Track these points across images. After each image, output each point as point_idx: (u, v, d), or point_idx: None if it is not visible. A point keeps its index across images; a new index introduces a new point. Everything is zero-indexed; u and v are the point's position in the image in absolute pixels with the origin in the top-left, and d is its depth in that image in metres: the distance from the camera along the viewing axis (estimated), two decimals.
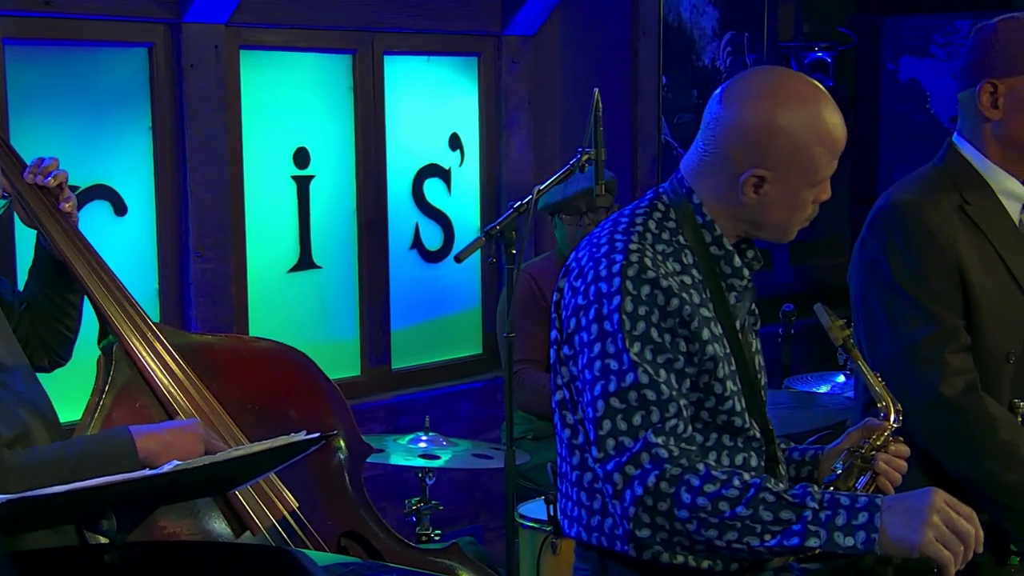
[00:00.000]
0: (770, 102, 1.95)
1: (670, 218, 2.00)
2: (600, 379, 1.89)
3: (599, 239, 1.99)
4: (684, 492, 1.82)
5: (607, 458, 1.88)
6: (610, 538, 1.97)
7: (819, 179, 1.97)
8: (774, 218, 1.99)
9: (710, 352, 1.93)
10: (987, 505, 2.34)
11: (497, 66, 4.62)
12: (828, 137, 1.95)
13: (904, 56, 5.55)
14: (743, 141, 1.95)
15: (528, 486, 3.65)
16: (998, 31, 2.41)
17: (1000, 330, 2.40)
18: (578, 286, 1.96)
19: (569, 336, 1.97)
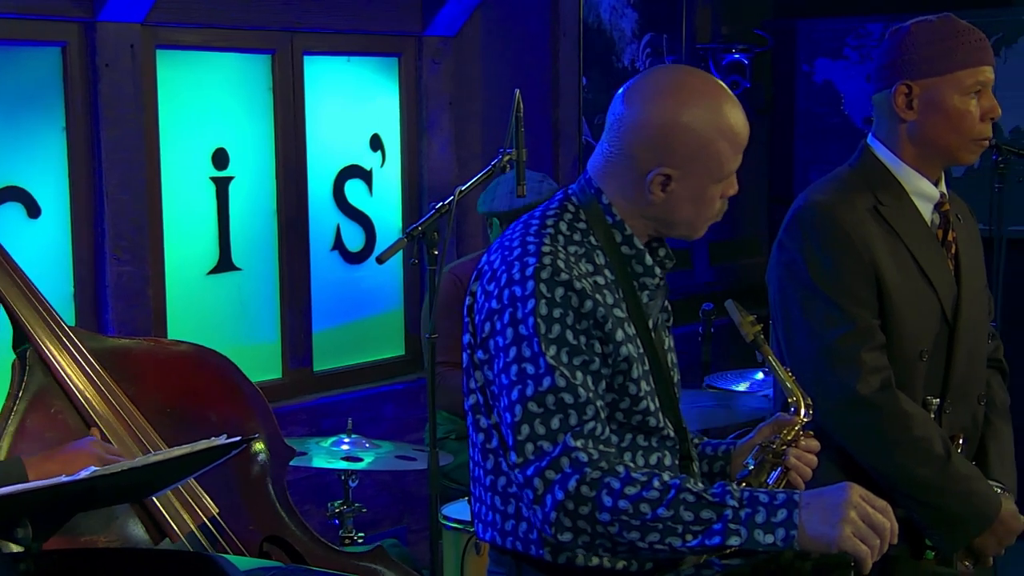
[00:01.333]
0: (672, 100, 1.96)
1: (580, 219, 2.00)
2: (517, 383, 1.89)
3: (511, 242, 1.98)
4: (605, 495, 1.83)
5: (526, 463, 1.88)
6: (525, 542, 1.97)
7: (724, 174, 1.98)
8: (682, 215, 1.99)
9: (624, 353, 1.94)
10: (902, 500, 2.39)
11: (418, 66, 4.61)
12: (731, 132, 1.96)
13: (818, 58, 5.63)
14: (647, 140, 1.95)
15: (452, 487, 3.65)
16: (912, 33, 2.45)
17: (914, 329, 2.45)
18: (491, 290, 1.96)
19: (483, 340, 1.97)
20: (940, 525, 2.43)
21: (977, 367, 2.57)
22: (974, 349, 2.54)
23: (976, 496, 2.44)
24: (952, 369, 2.49)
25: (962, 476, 2.43)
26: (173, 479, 2.27)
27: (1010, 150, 3.75)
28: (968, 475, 2.44)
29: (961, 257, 2.54)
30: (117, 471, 2.00)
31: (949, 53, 2.42)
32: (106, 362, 2.55)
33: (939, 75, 2.42)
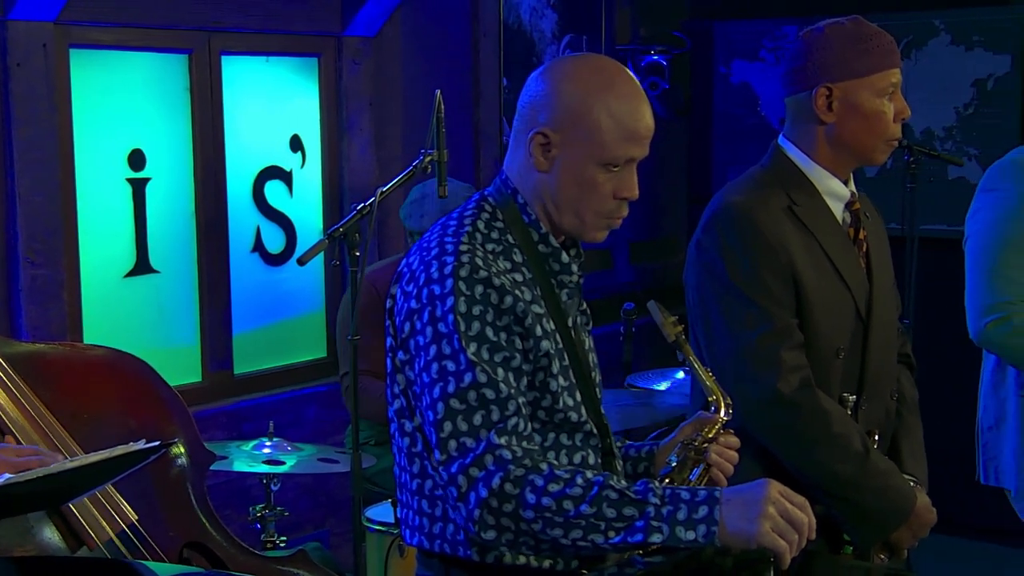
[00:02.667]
0: (567, 69, 2.00)
1: (497, 218, 2.01)
2: (438, 381, 1.89)
3: (429, 243, 1.99)
4: (528, 492, 1.84)
5: (450, 460, 1.88)
6: (452, 544, 1.97)
7: (606, 156, 1.95)
8: (565, 192, 1.97)
9: (544, 348, 1.95)
10: (821, 496, 2.42)
11: (338, 67, 4.58)
12: (619, 113, 1.94)
13: (735, 60, 5.70)
14: (536, 101, 1.99)
15: (375, 490, 3.63)
16: (827, 36, 2.48)
17: (830, 327, 2.49)
18: (410, 290, 1.96)
19: (404, 341, 1.97)
20: (858, 520, 2.47)
21: (889, 363, 2.62)
22: (886, 346, 2.59)
23: (893, 491, 2.48)
24: (867, 366, 2.53)
25: (879, 471, 2.47)
26: (90, 485, 2.23)
27: (921, 150, 3.83)
28: (885, 470, 2.49)
29: (872, 255, 2.58)
30: (32, 478, 1.96)
31: (865, 56, 2.46)
32: (20, 367, 2.50)
33: (857, 77, 2.46)
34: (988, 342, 2.82)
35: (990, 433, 2.97)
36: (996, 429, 2.94)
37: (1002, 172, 2.87)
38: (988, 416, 2.98)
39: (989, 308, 2.78)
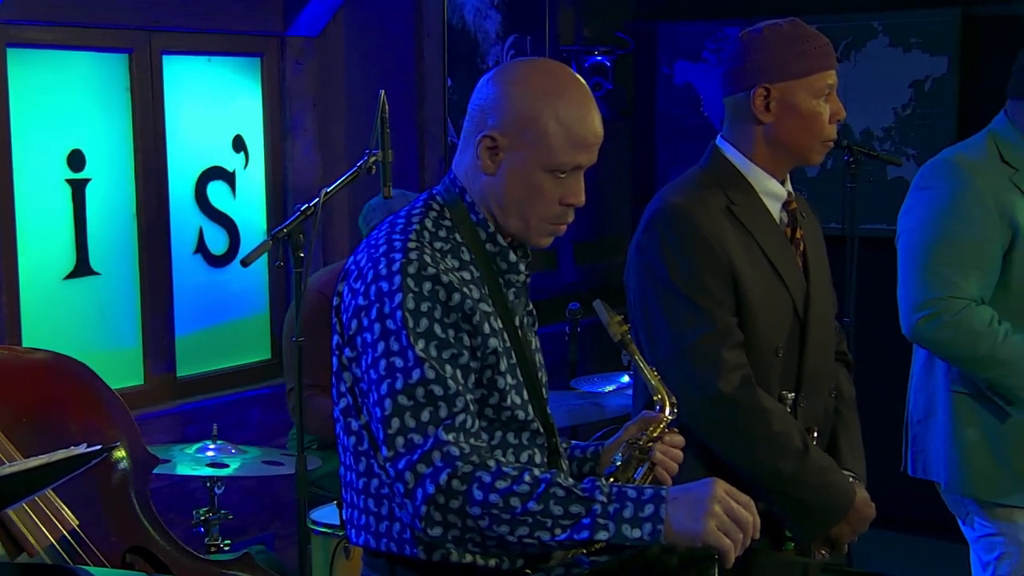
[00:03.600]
0: (517, 74, 2.00)
1: (445, 217, 2.02)
2: (386, 377, 1.89)
3: (376, 241, 1.99)
4: (476, 489, 1.84)
5: (397, 456, 1.88)
6: (399, 543, 1.97)
7: (553, 162, 1.95)
8: (511, 196, 1.98)
9: (492, 346, 1.95)
10: (763, 494, 2.45)
11: (281, 67, 4.56)
12: (567, 120, 1.95)
13: (678, 61, 5.74)
14: (485, 105, 1.99)
15: (320, 493, 3.61)
16: (765, 38, 2.51)
17: (769, 326, 2.51)
18: (357, 287, 1.96)
19: (351, 338, 1.97)
20: (799, 516, 2.50)
21: (827, 361, 2.66)
22: (824, 343, 2.62)
23: (833, 487, 2.51)
24: (805, 364, 2.56)
25: (819, 468, 2.50)
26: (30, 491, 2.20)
27: (861, 151, 3.87)
28: (824, 467, 2.52)
29: (808, 254, 2.62)
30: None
31: (802, 57, 2.49)
32: None
33: (794, 78, 2.48)
34: (919, 337, 2.87)
35: (919, 426, 3.02)
36: (925, 423, 3.00)
37: (934, 171, 2.92)
38: (917, 410, 3.03)
39: (921, 304, 2.83)
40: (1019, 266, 2.80)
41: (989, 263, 2.80)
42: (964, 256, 2.80)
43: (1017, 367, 2.78)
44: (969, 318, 2.77)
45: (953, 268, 2.80)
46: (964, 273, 2.80)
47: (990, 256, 2.80)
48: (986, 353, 2.77)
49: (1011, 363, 2.77)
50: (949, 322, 2.78)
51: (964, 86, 5.01)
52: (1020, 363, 2.77)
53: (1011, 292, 2.81)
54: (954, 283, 2.79)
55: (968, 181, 2.83)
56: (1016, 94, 2.90)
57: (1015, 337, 2.77)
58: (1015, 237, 2.80)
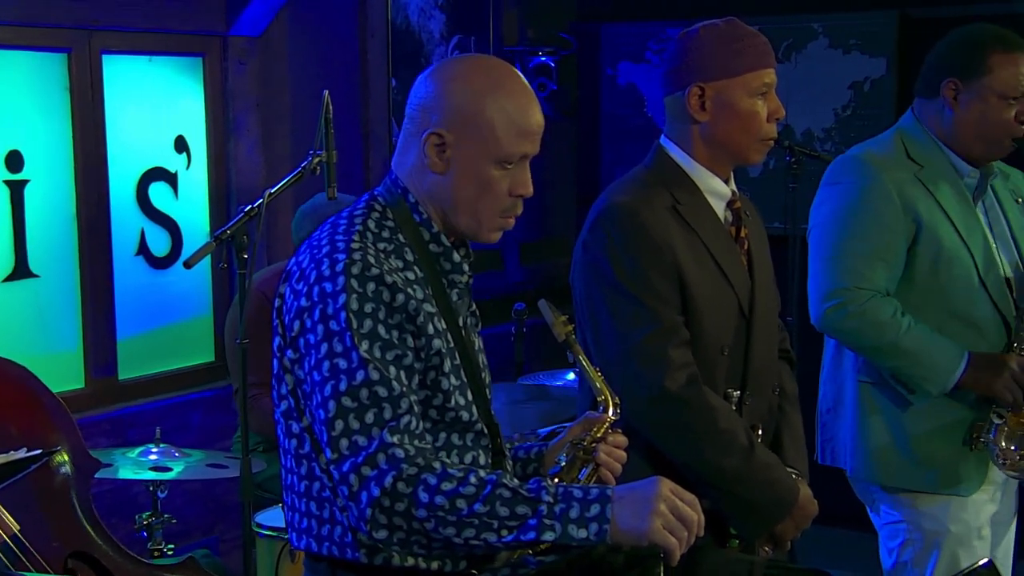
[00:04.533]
0: (458, 68, 2.01)
1: (388, 218, 2.01)
2: (330, 379, 1.88)
3: (319, 242, 1.98)
4: (422, 491, 1.84)
5: (341, 459, 1.87)
6: (340, 546, 1.96)
7: (503, 154, 1.97)
8: (462, 192, 1.98)
9: (436, 346, 1.95)
10: (709, 491, 2.47)
11: (223, 67, 4.53)
12: (511, 110, 1.97)
13: (621, 61, 5.77)
14: (427, 103, 1.99)
15: (264, 495, 3.59)
16: (701, 37, 2.53)
17: (715, 325, 2.54)
18: (300, 288, 1.94)
19: (293, 339, 1.95)
20: (744, 514, 2.52)
21: (771, 359, 2.68)
22: (768, 342, 2.65)
23: (777, 484, 2.54)
24: (750, 362, 2.59)
25: (764, 465, 2.53)
26: None
27: (802, 151, 3.92)
28: (769, 464, 2.55)
29: (753, 253, 2.64)
30: None
31: (737, 56, 2.51)
32: None
33: (729, 77, 2.50)
34: (827, 326, 2.94)
35: (828, 415, 3.10)
36: (833, 411, 3.07)
37: (844, 167, 3.01)
38: (827, 399, 3.11)
39: (828, 294, 2.90)
40: (922, 260, 2.89)
41: (894, 256, 2.89)
42: (871, 249, 2.88)
43: (919, 357, 2.85)
44: (874, 309, 2.85)
45: (860, 260, 2.88)
46: (870, 265, 2.87)
47: (895, 250, 2.88)
48: (890, 343, 2.84)
49: (914, 353, 2.85)
50: (855, 312, 2.86)
51: (902, 87, 5.08)
52: (922, 353, 2.85)
53: (914, 285, 2.90)
54: (861, 274, 2.87)
55: (876, 177, 2.91)
56: (922, 93, 2.99)
57: (918, 328, 2.85)
58: (919, 232, 2.88)
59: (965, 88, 2.89)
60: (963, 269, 2.88)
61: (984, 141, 2.92)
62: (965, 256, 2.88)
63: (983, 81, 2.87)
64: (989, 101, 2.87)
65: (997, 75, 2.86)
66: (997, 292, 2.89)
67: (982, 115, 2.88)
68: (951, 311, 2.89)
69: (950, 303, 2.89)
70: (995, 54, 2.87)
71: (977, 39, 2.91)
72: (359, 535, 1.94)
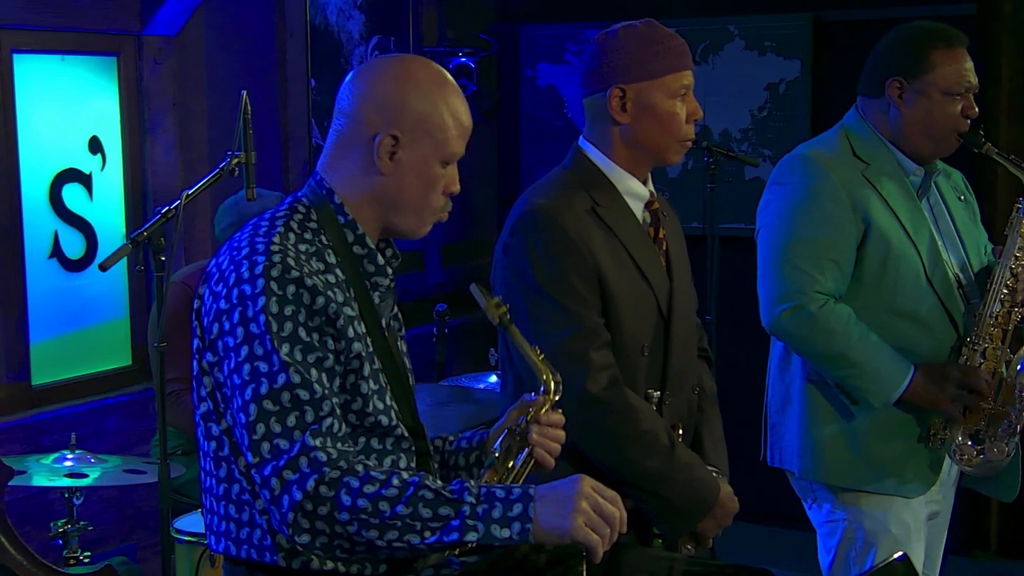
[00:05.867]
0: (403, 69, 2.03)
1: (311, 219, 2.00)
2: (250, 382, 1.87)
3: (239, 243, 1.96)
4: (344, 495, 1.83)
5: (263, 463, 1.85)
6: (259, 549, 1.95)
7: (448, 153, 2.01)
8: (411, 192, 2.00)
9: (356, 350, 1.94)
10: (631, 491, 2.48)
11: (138, 66, 4.46)
12: (454, 110, 2.01)
13: (541, 63, 5.79)
14: (378, 104, 1.99)
15: (184, 500, 3.55)
16: (621, 39, 2.54)
17: (635, 325, 2.55)
18: (219, 291, 1.93)
19: (212, 342, 1.94)
20: (667, 513, 2.54)
21: (690, 358, 2.70)
22: (687, 341, 2.67)
23: (699, 483, 2.56)
24: (669, 362, 2.60)
25: (686, 465, 2.55)
26: None
27: (719, 151, 3.96)
28: (690, 463, 2.57)
29: (671, 254, 2.66)
30: None
31: (657, 58, 2.53)
32: None
33: (650, 79, 2.52)
34: (779, 330, 2.94)
35: (776, 416, 3.10)
36: (781, 412, 3.07)
37: (791, 166, 3.00)
38: (775, 400, 3.11)
39: (782, 297, 2.90)
40: (871, 258, 2.89)
41: (844, 256, 2.88)
42: (821, 250, 2.88)
43: (866, 369, 2.86)
44: (827, 316, 2.85)
45: (811, 262, 2.87)
46: (821, 267, 2.87)
47: (845, 249, 2.88)
48: (839, 352, 2.85)
49: (861, 364, 2.85)
50: (809, 318, 2.85)
51: (816, 88, 5.16)
52: (870, 365, 2.85)
53: (862, 283, 2.90)
54: (813, 277, 2.87)
55: (823, 176, 2.91)
56: (866, 92, 3.00)
57: (869, 339, 2.86)
58: (868, 230, 2.88)
59: (910, 86, 2.90)
60: (911, 267, 2.89)
61: (931, 138, 2.92)
62: (912, 254, 2.89)
63: (927, 78, 2.88)
64: (934, 98, 2.89)
65: (941, 72, 2.88)
66: (944, 289, 2.90)
67: (928, 112, 2.89)
68: (899, 309, 2.90)
69: (898, 301, 2.89)
70: (937, 51, 2.88)
71: (919, 37, 2.92)
72: (279, 538, 1.92)
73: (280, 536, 1.92)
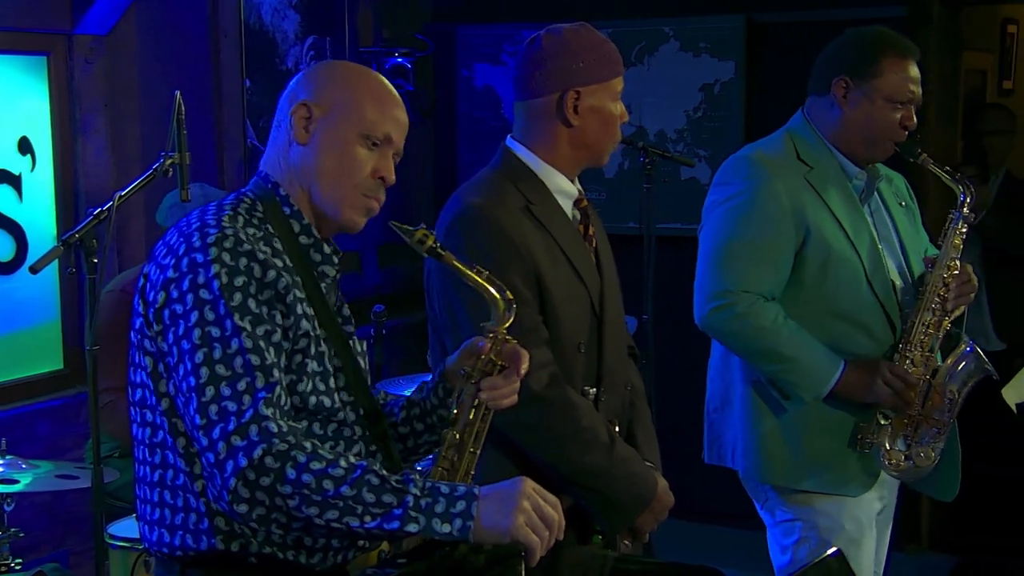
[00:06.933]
0: (332, 63, 2.15)
1: (257, 210, 2.02)
2: (201, 347, 1.87)
3: (189, 223, 1.98)
4: (289, 468, 1.83)
5: (210, 424, 1.85)
6: (195, 534, 1.95)
7: (367, 128, 2.03)
8: (325, 164, 2.02)
9: (304, 328, 1.96)
10: (571, 489, 2.50)
11: (69, 66, 4.40)
12: (377, 91, 2.06)
13: (477, 63, 5.79)
14: (295, 88, 2.07)
15: (117, 505, 3.51)
16: (568, 42, 2.56)
17: (571, 323, 2.56)
18: (167, 262, 1.93)
19: (158, 311, 1.93)
20: (608, 509, 2.56)
21: (622, 355, 2.73)
22: (618, 338, 2.70)
23: (637, 478, 2.58)
24: (603, 359, 2.62)
25: (625, 460, 2.57)
26: None
27: (656, 152, 3.98)
28: (629, 458, 2.59)
29: (599, 251, 2.68)
30: None
31: (604, 62, 2.56)
32: None
33: (599, 83, 2.55)
34: (709, 327, 2.97)
35: (715, 415, 3.13)
36: (721, 411, 3.11)
37: (735, 168, 3.03)
38: (714, 398, 3.14)
39: (713, 295, 2.93)
40: (811, 262, 2.92)
41: (782, 259, 2.92)
42: (758, 252, 2.91)
43: (796, 363, 2.89)
44: (757, 313, 2.88)
45: (747, 263, 2.91)
46: (758, 268, 2.90)
47: (783, 253, 2.91)
48: (770, 347, 2.89)
49: (791, 359, 2.89)
50: (738, 314, 2.89)
51: (750, 89, 5.21)
52: (799, 360, 2.89)
53: (802, 287, 2.93)
54: (747, 277, 2.90)
55: (766, 179, 2.94)
56: (814, 90, 3.03)
57: (798, 335, 2.89)
58: (808, 234, 2.92)
59: (855, 87, 2.93)
60: (851, 271, 2.92)
61: (868, 142, 2.96)
62: (853, 258, 2.92)
63: (873, 83, 2.92)
64: (876, 103, 2.92)
65: (887, 78, 2.91)
66: (883, 294, 2.94)
67: (868, 116, 2.93)
68: (839, 313, 2.93)
69: (838, 305, 2.93)
70: (888, 58, 2.92)
71: (873, 41, 2.96)
72: (216, 520, 1.91)
73: (218, 519, 1.92)
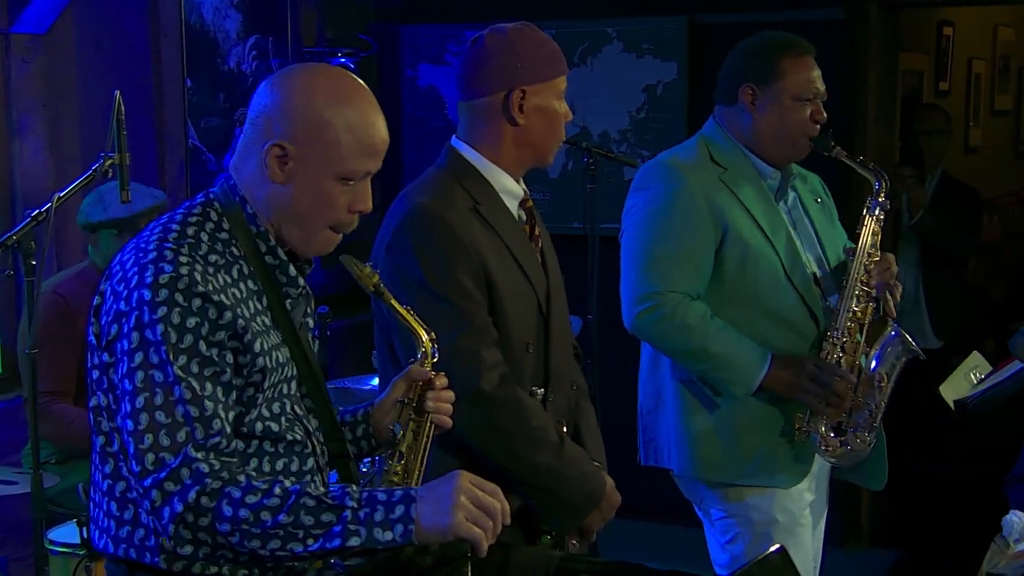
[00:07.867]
0: (305, 80, 1.99)
1: (223, 228, 1.98)
2: (142, 391, 1.84)
3: (147, 245, 1.93)
4: (225, 505, 1.82)
5: (145, 473, 1.83)
6: (139, 550, 1.93)
7: (346, 170, 1.97)
8: (301, 205, 1.97)
9: (260, 364, 1.93)
10: (521, 489, 2.50)
11: (5, 65, 4.33)
12: (359, 128, 1.96)
13: (422, 63, 5.78)
14: (271, 113, 1.96)
15: (58, 511, 3.46)
16: (513, 41, 2.56)
17: (519, 323, 2.57)
18: (120, 291, 1.90)
19: (109, 343, 1.91)
20: (558, 509, 2.57)
21: (568, 355, 2.74)
22: (564, 338, 2.71)
23: (586, 477, 2.59)
24: (550, 359, 2.63)
25: (574, 460, 2.58)
26: None
27: (599, 152, 4.01)
28: (577, 458, 2.60)
29: (544, 251, 2.70)
30: None
31: (549, 61, 2.57)
32: None
33: (544, 81, 2.56)
34: (638, 330, 3.02)
35: (648, 416, 3.16)
36: (654, 412, 3.14)
37: (652, 173, 3.09)
38: (647, 400, 3.18)
39: (640, 298, 2.97)
40: (730, 260, 2.98)
41: (702, 258, 2.97)
42: (679, 252, 2.96)
43: (725, 360, 2.94)
44: (684, 312, 2.93)
45: (669, 263, 2.96)
46: (680, 268, 2.96)
47: (703, 252, 2.97)
48: (698, 346, 2.93)
49: (720, 356, 2.93)
50: (665, 315, 2.93)
51: (693, 90, 5.25)
52: (728, 356, 2.94)
53: (724, 284, 2.99)
54: (671, 277, 2.95)
55: (682, 182, 2.99)
56: (721, 101, 3.11)
57: (725, 332, 2.94)
58: (725, 233, 2.98)
59: (762, 93, 3.00)
60: (769, 266, 2.98)
61: (783, 142, 3.03)
62: (771, 254, 2.98)
63: (778, 85, 2.99)
64: (785, 104, 2.99)
65: (791, 78, 2.99)
66: (803, 287, 3.00)
67: (779, 117, 3.00)
68: (761, 308, 2.98)
69: (759, 300, 2.98)
70: (788, 59, 2.99)
71: (768, 46, 3.03)
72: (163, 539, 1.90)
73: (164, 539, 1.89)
